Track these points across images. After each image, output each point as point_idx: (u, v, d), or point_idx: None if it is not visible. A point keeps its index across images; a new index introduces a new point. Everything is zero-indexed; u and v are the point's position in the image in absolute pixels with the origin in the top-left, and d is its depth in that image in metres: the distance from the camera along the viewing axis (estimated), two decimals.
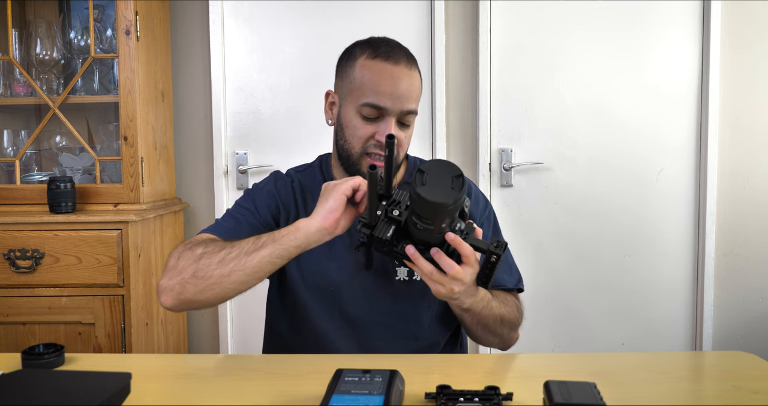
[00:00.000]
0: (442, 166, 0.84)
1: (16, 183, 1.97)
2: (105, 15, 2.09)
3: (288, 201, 1.17)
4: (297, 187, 1.19)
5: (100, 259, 1.79)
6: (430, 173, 0.83)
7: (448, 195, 0.82)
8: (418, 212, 0.85)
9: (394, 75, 1.06)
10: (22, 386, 0.69)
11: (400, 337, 1.13)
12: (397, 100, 1.06)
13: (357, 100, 1.08)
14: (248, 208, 1.14)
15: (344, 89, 1.12)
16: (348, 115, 1.11)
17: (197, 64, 2.32)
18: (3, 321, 1.80)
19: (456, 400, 0.74)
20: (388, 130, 1.06)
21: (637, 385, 0.85)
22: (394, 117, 1.07)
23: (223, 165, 2.33)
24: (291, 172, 1.24)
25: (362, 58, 1.09)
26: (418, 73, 1.12)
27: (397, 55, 1.08)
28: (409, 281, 1.13)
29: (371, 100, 1.06)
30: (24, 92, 2.05)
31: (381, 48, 1.09)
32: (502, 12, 2.29)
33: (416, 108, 1.10)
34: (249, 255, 0.95)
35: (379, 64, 1.07)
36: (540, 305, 2.35)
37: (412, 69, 1.09)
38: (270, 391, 0.84)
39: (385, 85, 1.06)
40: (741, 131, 2.29)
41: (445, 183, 0.82)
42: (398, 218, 0.90)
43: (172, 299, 0.99)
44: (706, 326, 2.32)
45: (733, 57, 2.27)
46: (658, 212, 2.33)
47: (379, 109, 1.07)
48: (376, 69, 1.07)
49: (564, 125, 2.31)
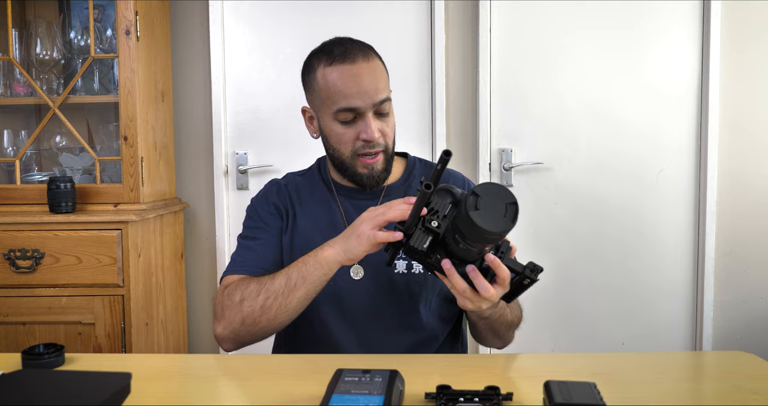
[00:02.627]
0: (497, 191, 0.81)
1: (16, 183, 1.97)
2: (105, 15, 2.09)
3: (286, 204, 1.19)
4: (292, 189, 1.21)
5: (100, 259, 1.79)
6: (485, 197, 0.80)
7: (500, 224, 0.79)
8: (464, 233, 0.83)
9: (355, 73, 1.07)
10: (22, 386, 0.69)
11: (399, 329, 1.14)
12: (366, 96, 1.07)
13: (330, 109, 1.10)
14: (258, 226, 1.17)
15: (316, 102, 1.14)
16: (328, 126, 1.13)
17: (197, 64, 2.32)
18: (3, 321, 1.80)
19: (456, 400, 0.74)
20: (371, 127, 1.08)
21: (637, 385, 0.85)
22: (369, 112, 1.09)
23: (223, 165, 2.33)
24: (289, 176, 1.26)
25: (321, 68, 1.10)
26: (378, 59, 1.13)
27: (352, 53, 1.09)
28: (407, 274, 1.13)
29: (342, 105, 1.08)
30: (24, 92, 2.05)
31: (334, 52, 1.10)
32: (502, 12, 2.29)
33: (388, 95, 1.11)
34: (287, 298, 0.99)
35: (337, 68, 1.08)
36: (540, 305, 2.35)
37: (370, 60, 1.10)
38: (270, 391, 0.84)
39: (350, 86, 1.07)
40: (741, 131, 2.28)
41: (498, 210, 0.79)
42: (437, 230, 0.88)
43: (232, 345, 1.06)
44: (706, 326, 2.32)
45: (733, 57, 2.27)
46: (658, 212, 2.33)
47: (353, 111, 1.08)
48: (336, 74, 1.08)
49: (564, 125, 2.31)
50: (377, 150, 1.11)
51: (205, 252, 2.36)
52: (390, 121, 1.13)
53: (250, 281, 1.04)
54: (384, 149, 1.12)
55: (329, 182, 1.21)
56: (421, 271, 1.13)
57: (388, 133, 1.12)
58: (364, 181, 1.14)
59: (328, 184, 1.21)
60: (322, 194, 1.20)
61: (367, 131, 1.08)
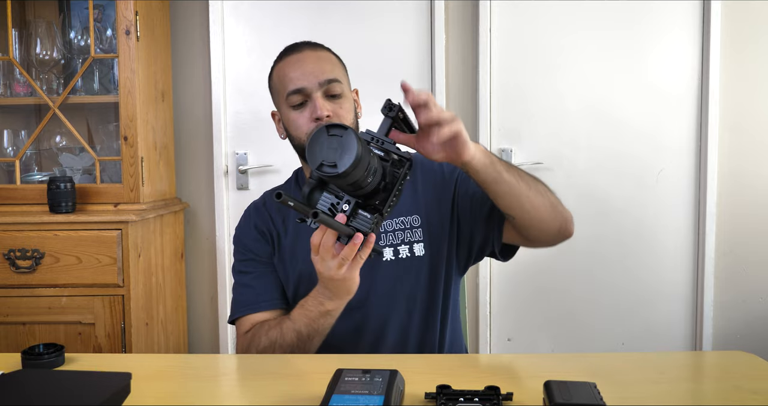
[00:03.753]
0: (316, 141, 0.80)
1: (16, 183, 1.97)
2: (105, 15, 2.08)
3: (267, 224, 1.20)
4: (270, 205, 1.23)
5: (100, 259, 1.79)
6: (310, 154, 0.80)
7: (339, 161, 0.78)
8: (341, 188, 0.83)
9: (299, 59, 1.14)
10: (22, 386, 0.69)
11: (396, 316, 1.14)
12: (310, 75, 1.11)
13: (283, 97, 1.14)
14: (247, 259, 1.19)
15: (275, 100, 1.19)
16: (285, 116, 1.16)
17: (197, 64, 2.32)
18: (3, 321, 1.80)
19: (456, 400, 0.74)
20: (319, 106, 1.10)
21: (637, 385, 0.85)
22: (317, 92, 1.11)
23: (223, 165, 2.33)
24: (266, 193, 1.28)
25: (275, 67, 1.18)
26: (328, 51, 1.18)
27: (299, 46, 1.16)
28: (396, 261, 1.14)
29: (290, 88, 1.12)
30: (24, 92, 2.05)
31: (285, 49, 1.18)
32: (502, 12, 2.29)
33: (336, 77, 1.13)
34: (303, 348, 1.03)
35: (285, 60, 1.16)
36: (540, 305, 2.35)
37: (316, 50, 1.16)
38: (270, 391, 0.84)
39: (295, 69, 1.13)
40: (741, 131, 2.28)
41: (327, 148, 0.79)
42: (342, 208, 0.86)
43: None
44: (706, 326, 2.32)
45: (733, 57, 2.27)
46: (658, 212, 2.33)
47: (300, 91, 1.11)
48: (284, 64, 1.15)
49: (564, 125, 2.31)
50: None
51: (205, 252, 2.36)
52: (344, 104, 1.14)
53: (260, 336, 1.07)
54: None
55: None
56: (408, 255, 1.14)
57: (341, 114, 1.13)
58: None
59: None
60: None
61: (315, 109, 1.11)
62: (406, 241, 1.15)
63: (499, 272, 2.36)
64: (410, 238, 1.15)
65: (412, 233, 1.15)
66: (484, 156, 0.94)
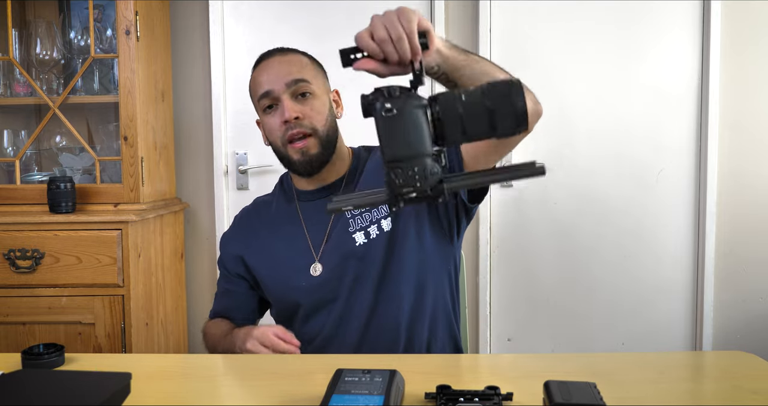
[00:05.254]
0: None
1: (16, 183, 1.97)
2: (105, 15, 2.08)
3: (243, 241, 1.25)
4: (253, 214, 1.28)
5: (100, 259, 1.79)
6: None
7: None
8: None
9: (268, 65, 1.16)
10: (22, 386, 0.69)
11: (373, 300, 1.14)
12: (276, 78, 1.13)
13: (256, 102, 1.17)
14: (223, 275, 1.30)
15: (255, 107, 1.20)
16: (262, 121, 1.18)
17: (197, 64, 2.32)
18: (3, 321, 1.80)
19: (456, 400, 0.74)
20: (286, 108, 1.11)
21: (637, 385, 0.85)
22: (284, 94, 1.12)
23: (223, 165, 2.33)
24: (257, 200, 1.31)
25: (251, 77, 1.20)
26: (300, 54, 1.19)
27: (270, 53, 1.18)
28: (368, 243, 1.14)
29: (259, 92, 1.14)
30: (24, 92, 2.04)
31: (258, 57, 1.19)
32: (502, 12, 2.29)
33: (303, 77, 1.13)
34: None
35: (257, 67, 1.18)
36: (540, 305, 2.36)
37: (286, 54, 1.18)
38: (270, 391, 0.84)
39: (263, 74, 1.15)
40: (741, 131, 2.28)
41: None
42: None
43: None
44: (706, 326, 2.32)
45: (733, 57, 2.27)
46: (658, 212, 2.33)
47: (269, 95, 1.13)
48: (256, 72, 1.18)
49: (564, 125, 2.31)
50: (302, 131, 1.12)
51: (205, 252, 2.36)
52: (315, 104, 1.14)
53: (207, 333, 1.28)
54: (312, 132, 1.13)
55: (291, 192, 1.24)
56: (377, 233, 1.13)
57: (311, 115, 1.13)
58: (300, 168, 1.15)
59: (290, 194, 1.24)
60: (282, 207, 1.24)
61: (283, 112, 1.12)
62: (374, 220, 1.15)
63: (499, 271, 2.36)
64: (377, 215, 1.15)
65: (378, 210, 1.15)
66: (443, 40, 0.91)
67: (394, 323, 1.13)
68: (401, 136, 0.69)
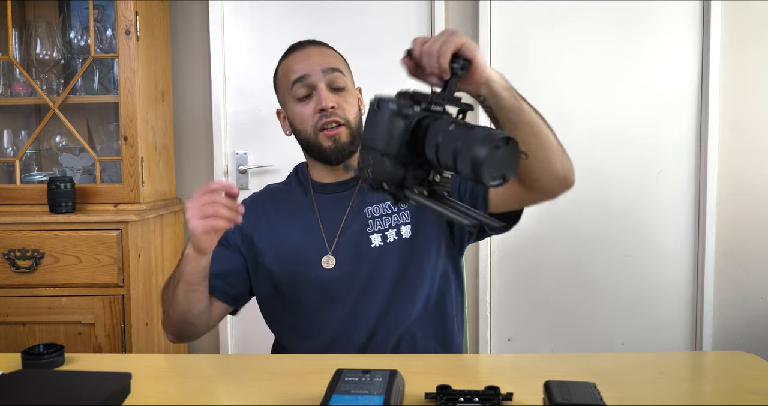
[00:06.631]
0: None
1: (16, 183, 1.97)
2: (105, 15, 2.09)
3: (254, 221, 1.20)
4: (267, 197, 1.26)
5: (100, 259, 1.79)
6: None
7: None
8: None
9: (303, 53, 1.18)
10: (22, 386, 0.69)
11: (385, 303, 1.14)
12: (314, 64, 1.15)
13: (288, 90, 1.17)
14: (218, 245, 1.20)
15: (281, 95, 1.22)
16: (291, 110, 1.18)
17: (197, 64, 2.32)
18: (3, 321, 1.80)
19: (456, 400, 0.74)
20: (323, 97, 1.12)
21: (637, 385, 0.85)
22: (321, 83, 1.14)
23: (223, 165, 2.33)
24: (269, 186, 1.30)
25: (280, 64, 1.22)
26: (333, 50, 1.21)
27: (304, 44, 1.20)
28: (384, 245, 1.14)
29: (293, 78, 1.15)
30: (24, 92, 2.05)
31: (290, 47, 1.21)
32: (502, 12, 2.29)
33: (338, 67, 1.16)
34: (174, 292, 1.08)
35: (289, 56, 1.19)
36: (540, 304, 2.35)
37: (320, 46, 1.20)
38: (270, 391, 0.84)
39: (299, 61, 1.16)
40: (741, 131, 2.28)
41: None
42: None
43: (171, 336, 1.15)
44: (706, 326, 2.32)
45: (733, 57, 2.27)
46: (658, 212, 2.33)
47: (304, 80, 1.14)
48: (288, 60, 1.19)
49: (563, 126, 2.28)
50: (336, 120, 1.14)
51: None
52: (348, 98, 1.17)
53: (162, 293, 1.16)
54: (345, 123, 1.15)
55: (307, 183, 1.24)
56: (395, 238, 1.14)
57: (346, 107, 1.16)
58: (330, 155, 1.16)
59: (305, 184, 1.24)
60: (297, 196, 1.23)
61: (320, 100, 1.13)
62: (393, 225, 1.15)
63: (499, 272, 2.36)
64: (397, 221, 1.16)
65: (399, 216, 1.16)
66: (502, 79, 0.89)
67: (403, 328, 1.14)
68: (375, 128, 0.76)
